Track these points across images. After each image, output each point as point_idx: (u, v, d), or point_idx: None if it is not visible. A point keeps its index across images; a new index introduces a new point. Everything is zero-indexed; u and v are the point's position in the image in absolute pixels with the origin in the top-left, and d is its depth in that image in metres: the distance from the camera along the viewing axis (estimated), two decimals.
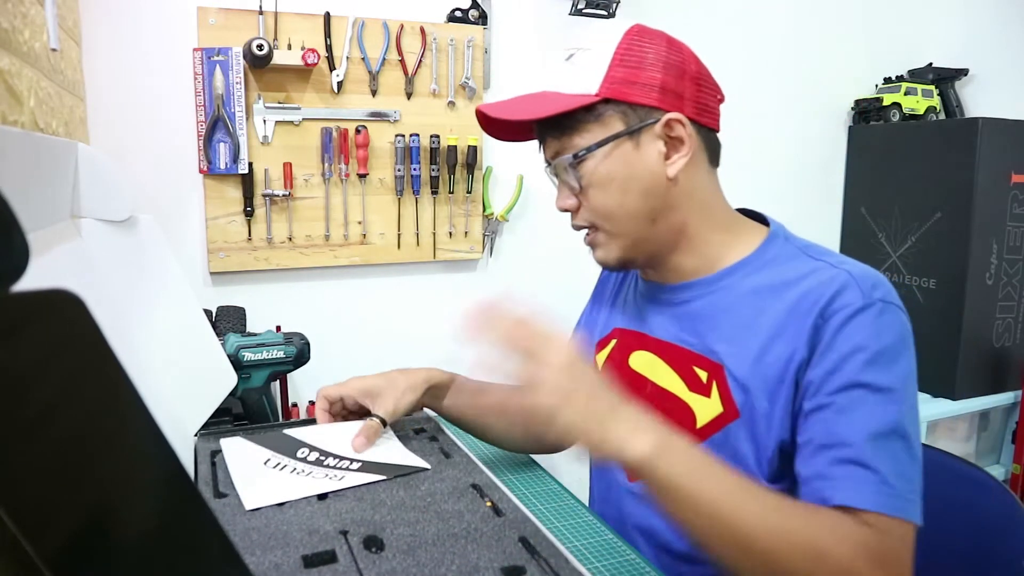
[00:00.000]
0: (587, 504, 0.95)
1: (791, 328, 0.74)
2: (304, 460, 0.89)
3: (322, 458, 0.89)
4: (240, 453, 0.91)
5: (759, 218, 0.88)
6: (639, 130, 0.77)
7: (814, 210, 2.36)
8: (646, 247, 0.82)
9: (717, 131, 0.83)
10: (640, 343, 0.89)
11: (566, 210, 0.83)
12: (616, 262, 0.84)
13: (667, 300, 0.86)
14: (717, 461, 0.67)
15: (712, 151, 0.83)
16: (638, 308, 0.91)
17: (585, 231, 0.85)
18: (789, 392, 0.74)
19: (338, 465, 0.88)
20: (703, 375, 0.80)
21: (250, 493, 0.82)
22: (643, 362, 0.88)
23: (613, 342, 0.94)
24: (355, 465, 0.88)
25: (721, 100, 0.83)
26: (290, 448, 0.91)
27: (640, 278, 0.93)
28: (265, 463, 0.89)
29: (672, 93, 0.78)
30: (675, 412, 0.82)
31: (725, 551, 0.65)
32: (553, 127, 0.80)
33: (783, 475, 0.77)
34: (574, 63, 0.80)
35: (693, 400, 0.81)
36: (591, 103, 0.77)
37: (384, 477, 0.85)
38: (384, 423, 0.94)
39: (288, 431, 0.96)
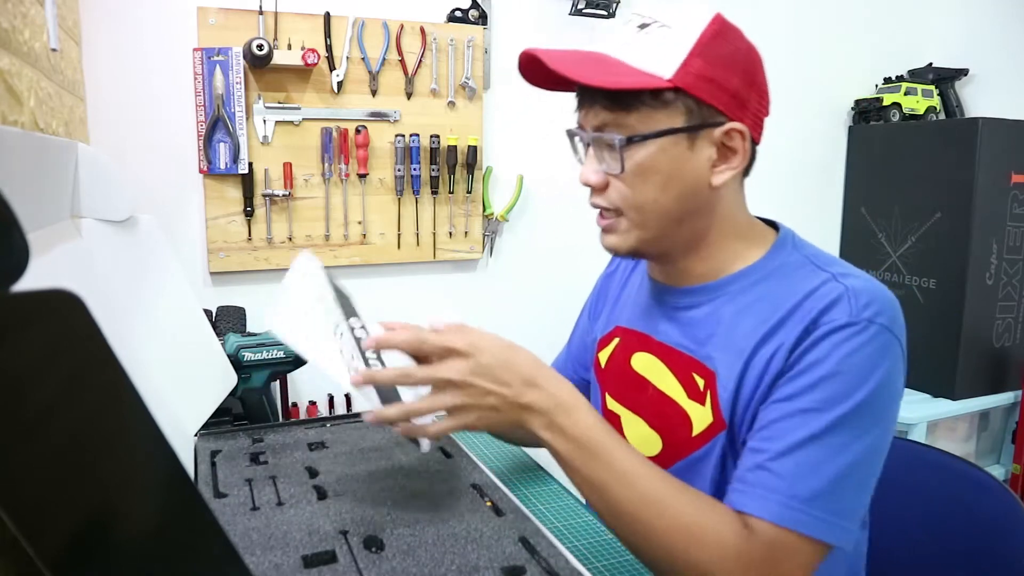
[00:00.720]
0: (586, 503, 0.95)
1: (778, 337, 0.73)
2: (352, 330, 0.79)
3: (362, 341, 0.79)
4: (303, 274, 0.82)
5: (770, 223, 0.86)
6: (699, 130, 0.73)
7: (814, 210, 2.36)
8: (663, 244, 0.80)
9: (758, 144, 0.80)
10: (643, 344, 0.88)
11: (590, 185, 0.78)
12: (628, 251, 0.80)
13: (671, 304, 0.85)
14: (611, 441, 0.71)
15: (750, 163, 0.80)
16: (643, 309, 0.90)
17: (599, 211, 0.80)
18: (763, 397, 0.73)
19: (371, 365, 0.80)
20: (700, 382, 0.79)
21: (279, 320, 0.76)
22: (645, 364, 0.87)
23: (616, 340, 0.92)
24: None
25: (767, 114, 0.79)
26: (348, 311, 0.82)
27: (648, 277, 0.91)
28: (316, 300, 0.80)
29: (740, 101, 0.74)
30: (674, 418, 0.81)
31: (610, 520, 0.72)
32: (607, 96, 0.74)
33: None
34: (649, 35, 0.73)
35: (691, 407, 0.80)
36: (661, 88, 0.71)
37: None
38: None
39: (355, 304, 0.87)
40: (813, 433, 0.67)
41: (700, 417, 0.79)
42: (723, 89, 0.72)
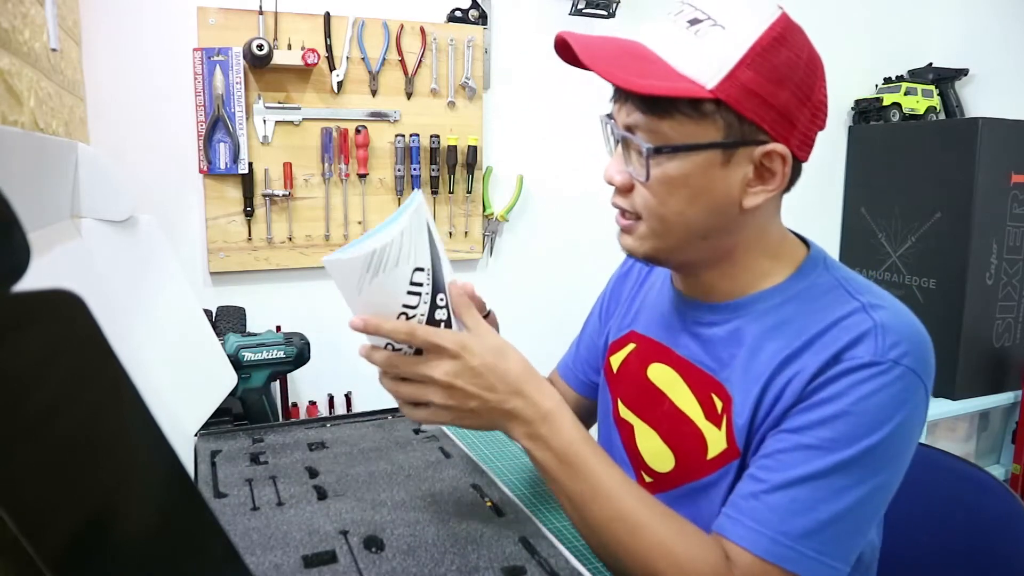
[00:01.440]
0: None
1: (797, 364, 0.70)
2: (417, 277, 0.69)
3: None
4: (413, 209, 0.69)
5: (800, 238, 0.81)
6: (736, 147, 0.68)
7: (814, 210, 2.36)
8: (683, 257, 0.76)
9: (804, 162, 0.73)
10: (661, 356, 0.84)
11: (614, 185, 0.74)
12: (643, 257, 0.76)
13: (693, 318, 0.81)
14: (592, 456, 0.70)
15: (792, 181, 0.73)
16: (663, 318, 0.85)
17: (620, 211, 0.76)
18: (773, 424, 0.71)
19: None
20: (719, 404, 0.76)
21: (335, 257, 0.67)
22: (663, 377, 0.83)
23: (631, 346, 0.89)
24: None
25: (822, 129, 0.73)
26: (439, 285, 0.71)
27: (671, 285, 0.86)
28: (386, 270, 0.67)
29: (788, 118, 0.67)
30: (689, 438, 0.78)
31: (584, 532, 0.71)
32: (642, 98, 0.67)
33: None
34: (700, 36, 0.66)
35: (707, 429, 0.77)
36: (700, 98, 0.65)
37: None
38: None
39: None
40: (813, 472, 0.65)
41: (715, 441, 0.76)
42: (770, 106, 0.66)
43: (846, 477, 0.65)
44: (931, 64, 2.36)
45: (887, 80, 2.36)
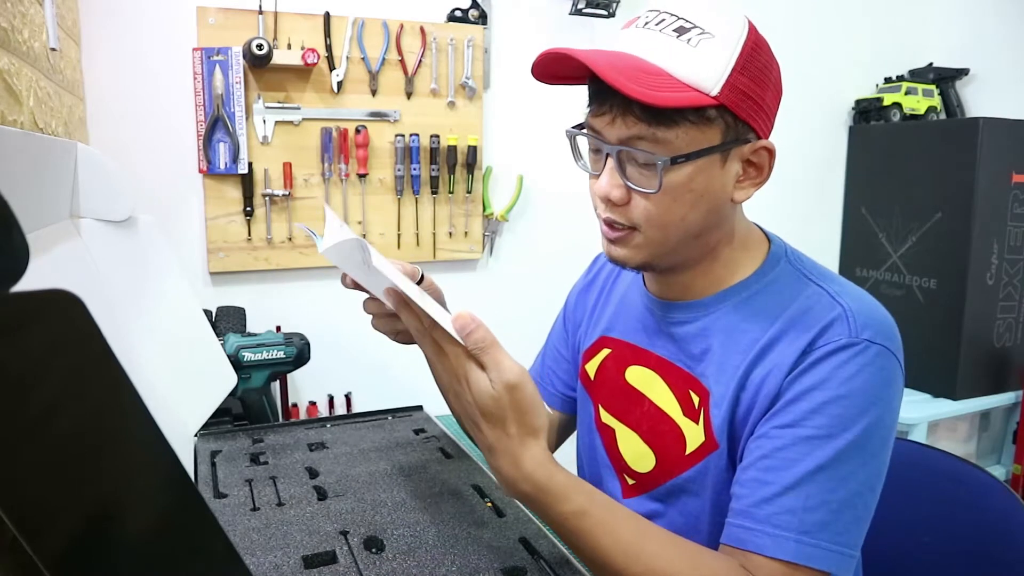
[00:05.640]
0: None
1: (773, 356, 0.71)
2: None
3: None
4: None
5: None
6: (732, 147, 0.70)
7: (814, 210, 2.36)
8: (674, 258, 0.76)
9: None
10: (638, 358, 0.85)
11: (612, 202, 0.72)
12: (638, 266, 0.76)
13: (667, 318, 0.82)
14: (591, 523, 0.64)
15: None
16: (638, 321, 0.86)
17: (607, 224, 0.74)
18: (757, 418, 0.71)
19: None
20: (695, 399, 0.77)
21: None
22: (641, 378, 0.84)
23: (606, 351, 0.89)
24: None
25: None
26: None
27: (642, 289, 0.87)
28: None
29: (769, 117, 0.72)
30: (668, 435, 0.79)
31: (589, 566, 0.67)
32: (647, 110, 0.66)
33: None
34: (693, 45, 0.67)
35: (685, 424, 0.78)
36: (706, 105, 0.67)
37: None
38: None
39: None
40: (820, 463, 0.65)
41: (693, 435, 0.77)
42: (760, 107, 0.70)
43: (850, 461, 0.66)
44: (932, 64, 2.36)
45: (888, 80, 2.36)
